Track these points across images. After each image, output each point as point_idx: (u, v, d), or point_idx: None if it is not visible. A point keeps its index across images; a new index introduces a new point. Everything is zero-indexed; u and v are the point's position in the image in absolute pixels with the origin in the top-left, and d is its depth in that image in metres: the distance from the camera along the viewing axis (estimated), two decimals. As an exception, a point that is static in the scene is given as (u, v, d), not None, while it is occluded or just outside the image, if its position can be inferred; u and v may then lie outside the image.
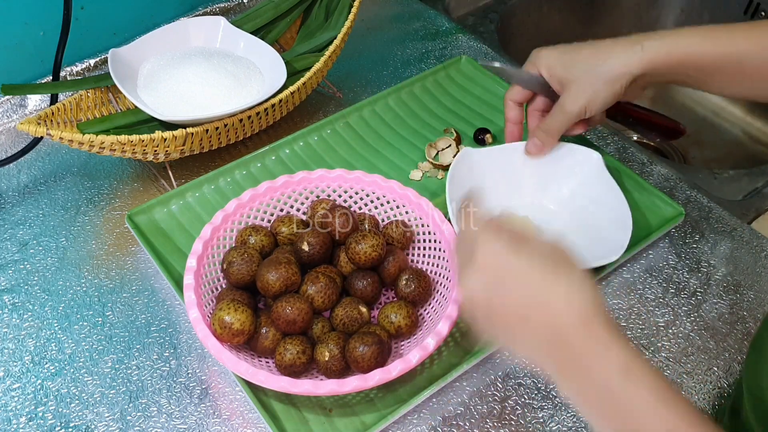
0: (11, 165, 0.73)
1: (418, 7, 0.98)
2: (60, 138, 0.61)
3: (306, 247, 0.57)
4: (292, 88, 0.71)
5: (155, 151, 0.66)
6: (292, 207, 0.63)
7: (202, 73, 0.71)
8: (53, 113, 0.66)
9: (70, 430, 0.54)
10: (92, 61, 0.83)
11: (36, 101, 0.80)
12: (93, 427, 0.54)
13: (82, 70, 0.83)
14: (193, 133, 0.66)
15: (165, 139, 0.64)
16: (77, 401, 0.55)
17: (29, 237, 0.67)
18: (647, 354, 0.59)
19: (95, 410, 0.55)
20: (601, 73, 0.57)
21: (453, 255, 0.48)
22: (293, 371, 0.52)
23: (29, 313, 0.61)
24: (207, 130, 0.67)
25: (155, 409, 0.55)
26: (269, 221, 0.62)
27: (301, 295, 0.55)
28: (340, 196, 0.64)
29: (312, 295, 0.55)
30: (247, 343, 0.54)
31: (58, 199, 0.71)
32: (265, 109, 0.70)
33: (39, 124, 0.64)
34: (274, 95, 0.70)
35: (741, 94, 0.60)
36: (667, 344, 0.60)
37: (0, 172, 0.73)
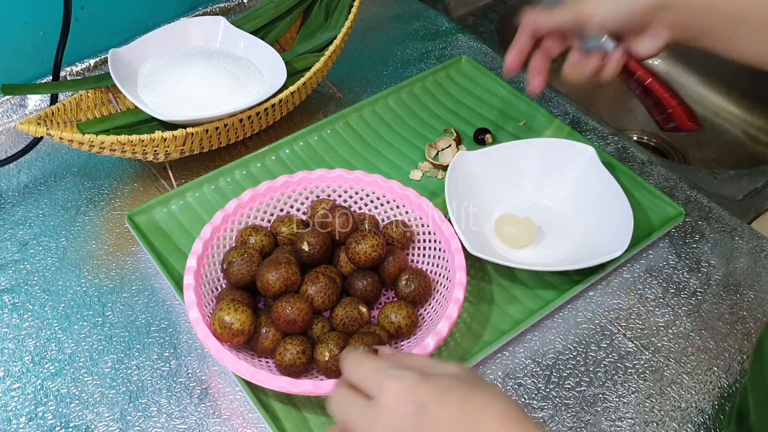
0: (11, 165, 0.73)
1: (418, 7, 0.98)
2: (60, 138, 0.61)
3: (306, 247, 0.57)
4: (292, 88, 0.71)
5: (155, 151, 0.66)
6: (292, 207, 0.63)
7: (202, 73, 0.71)
8: (53, 113, 0.66)
9: (70, 430, 0.54)
10: (92, 61, 0.83)
11: (36, 101, 0.80)
12: (93, 427, 0.54)
13: (82, 70, 0.83)
14: (193, 133, 0.66)
15: (165, 139, 0.64)
16: (77, 401, 0.55)
17: (29, 237, 0.67)
18: (647, 354, 0.59)
19: (95, 410, 0.55)
20: None
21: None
22: (293, 371, 0.52)
23: (29, 313, 0.61)
24: (207, 130, 0.67)
25: (155, 409, 0.55)
26: (269, 221, 0.62)
27: (301, 295, 0.55)
28: (340, 196, 0.64)
29: (312, 295, 0.55)
30: (247, 343, 0.54)
31: (58, 199, 0.71)
32: (265, 109, 0.70)
33: (39, 124, 0.64)
34: (274, 95, 0.70)
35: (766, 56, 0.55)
36: (667, 344, 0.60)
37: (0, 172, 0.73)
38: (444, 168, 0.72)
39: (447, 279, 0.57)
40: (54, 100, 0.71)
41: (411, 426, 0.35)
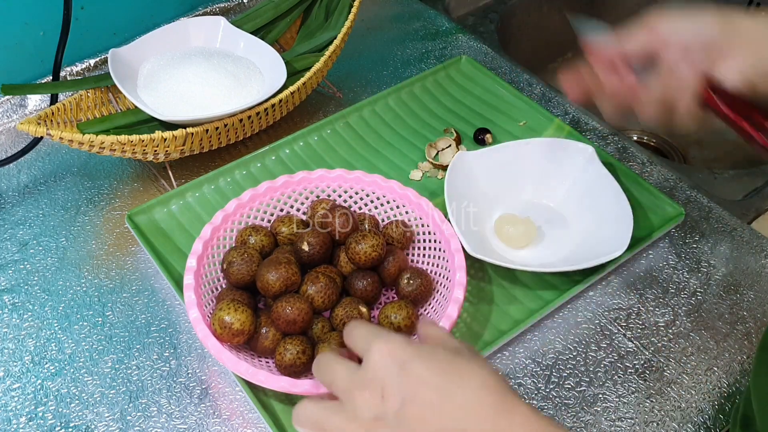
0: (11, 165, 0.73)
1: (418, 7, 0.98)
2: (60, 138, 0.61)
3: (306, 247, 0.57)
4: (292, 88, 0.71)
5: (155, 151, 0.66)
6: (292, 207, 0.63)
7: (202, 73, 0.71)
8: (53, 113, 0.66)
9: (70, 430, 0.54)
10: (92, 61, 0.83)
11: (36, 101, 0.80)
12: (93, 427, 0.54)
13: (82, 70, 0.83)
14: (193, 133, 0.66)
15: (165, 139, 0.64)
16: (77, 401, 0.55)
17: (29, 237, 0.67)
18: (647, 354, 0.59)
19: (95, 410, 0.55)
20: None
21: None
22: (293, 371, 0.52)
23: (29, 313, 0.61)
24: (207, 130, 0.67)
25: (155, 409, 0.55)
26: (269, 221, 0.62)
27: (301, 295, 0.55)
28: (340, 196, 0.64)
29: (312, 295, 0.55)
30: (247, 343, 0.54)
31: (58, 199, 0.71)
32: (265, 109, 0.70)
33: (39, 124, 0.64)
34: (274, 95, 0.70)
35: None
36: (667, 344, 0.60)
37: (0, 172, 0.73)
38: (444, 168, 0.72)
39: (447, 279, 0.57)
40: (54, 100, 0.70)
41: (391, 382, 0.36)
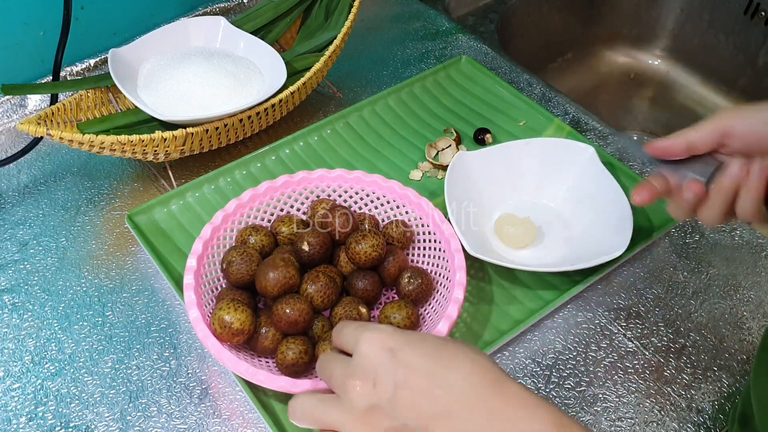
0: (11, 165, 0.73)
1: (418, 7, 0.98)
2: (60, 138, 0.61)
3: (306, 247, 0.57)
4: (292, 88, 0.71)
5: (155, 151, 0.66)
6: (292, 207, 0.64)
7: (202, 73, 0.71)
8: (53, 113, 0.66)
9: (70, 430, 0.54)
10: (92, 61, 0.83)
11: (36, 101, 0.80)
12: (93, 427, 0.54)
13: (82, 70, 0.83)
14: (193, 133, 0.66)
15: (165, 139, 0.64)
16: (77, 401, 0.55)
17: (29, 237, 0.67)
18: (647, 354, 0.59)
19: (95, 410, 0.55)
20: None
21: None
22: (295, 371, 0.52)
23: (29, 313, 0.61)
24: (207, 130, 0.67)
25: (155, 409, 0.55)
26: (269, 221, 0.63)
27: (301, 294, 0.55)
28: (340, 196, 0.64)
29: (312, 294, 0.55)
30: (247, 343, 0.54)
31: (58, 199, 0.71)
32: (265, 109, 0.70)
33: (39, 124, 0.64)
34: (274, 95, 0.70)
35: None
36: (667, 344, 0.60)
37: (0, 172, 0.73)
38: (444, 168, 0.72)
39: (447, 279, 0.57)
40: (54, 100, 0.71)
41: (382, 369, 0.37)
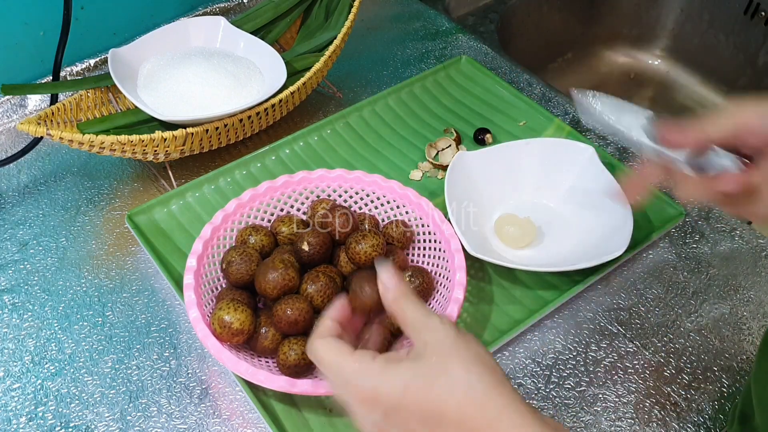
0: (11, 165, 0.73)
1: (418, 7, 0.98)
2: (60, 138, 0.61)
3: (306, 247, 0.57)
4: (292, 88, 0.71)
5: (155, 151, 0.66)
6: (292, 207, 0.64)
7: (202, 73, 0.71)
8: (53, 113, 0.66)
9: (70, 430, 0.54)
10: (92, 61, 0.83)
11: (36, 101, 0.80)
12: (93, 427, 0.54)
13: (82, 70, 0.83)
14: (193, 133, 0.66)
15: (165, 139, 0.64)
16: (77, 401, 0.55)
17: (29, 237, 0.67)
18: (647, 354, 0.59)
19: (95, 410, 0.55)
20: None
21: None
22: (296, 371, 0.52)
23: (29, 313, 0.61)
24: (207, 130, 0.67)
25: (155, 409, 0.55)
26: (269, 221, 0.62)
27: (301, 294, 0.55)
28: (340, 196, 0.64)
29: (312, 294, 0.55)
30: (247, 343, 0.54)
31: (58, 199, 0.71)
32: (265, 109, 0.70)
33: (39, 124, 0.64)
34: (274, 95, 0.70)
35: None
36: (667, 344, 0.60)
37: (0, 172, 0.73)
38: (444, 168, 0.72)
39: (447, 279, 0.57)
40: (54, 100, 0.71)
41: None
